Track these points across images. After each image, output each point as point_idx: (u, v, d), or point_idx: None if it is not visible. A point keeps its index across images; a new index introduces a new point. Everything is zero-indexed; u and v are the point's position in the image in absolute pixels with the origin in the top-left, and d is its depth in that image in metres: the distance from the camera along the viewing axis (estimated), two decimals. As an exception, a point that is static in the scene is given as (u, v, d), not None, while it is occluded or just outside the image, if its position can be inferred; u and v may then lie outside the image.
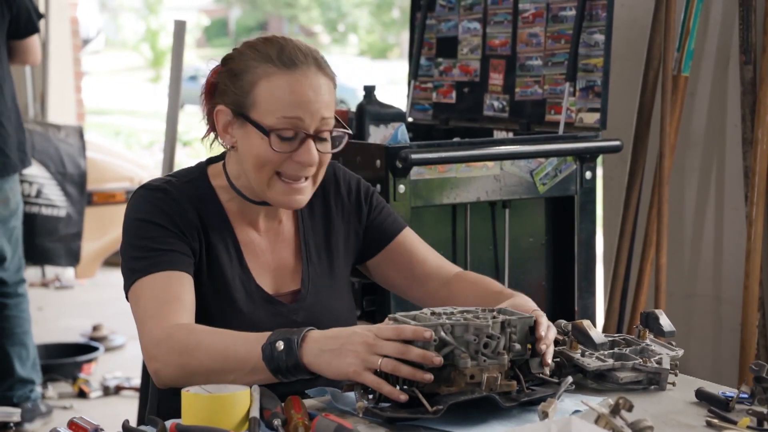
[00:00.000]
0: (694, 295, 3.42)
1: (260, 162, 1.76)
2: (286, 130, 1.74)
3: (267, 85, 1.75)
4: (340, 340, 1.57)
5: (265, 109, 1.75)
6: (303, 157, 1.75)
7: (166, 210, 1.77)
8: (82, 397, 4.37)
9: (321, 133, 1.77)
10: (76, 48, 6.56)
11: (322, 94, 1.76)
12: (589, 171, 2.89)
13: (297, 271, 1.88)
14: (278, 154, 1.75)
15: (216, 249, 1.81)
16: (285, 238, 1.89)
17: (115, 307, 5.96)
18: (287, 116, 1.74)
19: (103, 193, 5.34)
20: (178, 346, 1.65)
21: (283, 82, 1.74)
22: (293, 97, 1.74)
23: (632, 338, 1.83)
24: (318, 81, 1.76)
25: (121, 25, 25.73)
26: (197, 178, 1.85)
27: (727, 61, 3.27)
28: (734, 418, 1.56)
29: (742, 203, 3.20)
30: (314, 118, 1.75)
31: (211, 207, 1.83)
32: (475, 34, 3.36)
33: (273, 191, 1.78)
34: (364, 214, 1.95)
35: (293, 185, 1.77)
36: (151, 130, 14.61)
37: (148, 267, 1.74)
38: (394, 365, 1.53)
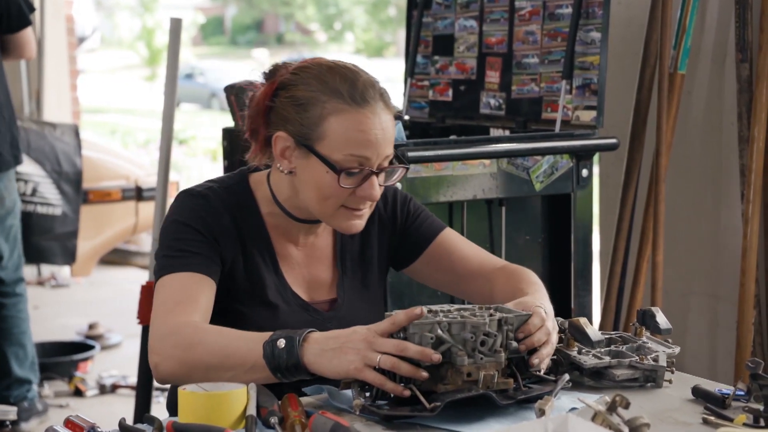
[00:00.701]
0: (690, 292, 3.43)
1: (325, 195, 1.78)
2: (353, 167, 1.76)
3: (337, 121, 1.75)
4: (341, 339, 1.58)
5: (333, 144, 1.76)
6: (366, 192, 1.77)
7: (203, 216, 1.80)
8: (78, 395, 4.36)
9: (383, 168, 1.79)
10: (71, 46, 6.54)
11: (387, 132, 1.78)
12: (585, 169, 2.89)
13: (332, 283, 1.91)
14: (343, 189, 1.77)
15: (253, 256, 1.84)
16: (321, 253, 1.92)
17: (111, 305, 5.96)
18: (355, 154, 1.75)
19: (98, 191, 5.33)
20: (182, 341, 1.67)
21: (354, 120, 1.75)
22: (363, 136, 1.75)
23: (629, 336, 1.83)
24: (385, 118, 1.78)
25: (117, 23, 25.70)
26: (238, 187, 1.87)
27: (723, 59, 3.27)
28: (731, 416, 1.56)
29: (738, 201, 3.20)
30: (380, 156, 1.77)
31: (250, 216, 1.85)
32: (472, 31, 3.36)
33: (335, 219, 1.81)
34: (399, 223, 1.98)
35: (355, 212, 1.80)
36: (147, 128, 14.60)
37: (175, 266, 1.77)
38: (394, 362, 1.54)
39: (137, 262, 7.20)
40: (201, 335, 1.67)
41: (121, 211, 5.42)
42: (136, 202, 5.45)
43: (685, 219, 3.41)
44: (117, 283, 6.68)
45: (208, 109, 20.39)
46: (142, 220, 5.49)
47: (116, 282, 6.70)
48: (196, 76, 21.42)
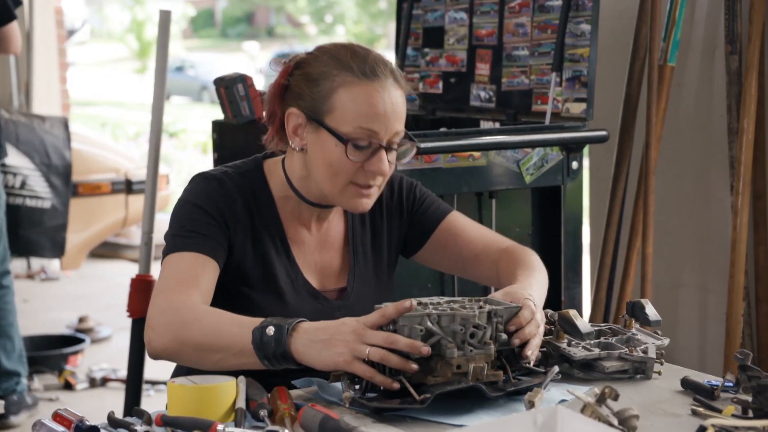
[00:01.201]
0: (679, 284, 3.43)
1: (334, 170, 1.79)
2: (362, 139, 1.76)
3: (347, 93, 1.76)
4: (330, 330, 1.58)
5: (342, 117, 1.77)
6: (375, 166, 1.78)
7: (215, 199, 1.81)
8: (68, 389, 4.36)
9: (392, 145, 1.80)
10: (61, 39, 6.52)
11: (397, 108, 1.78)
12: (575, 161, 2.89)
13: (343, 271, 1.92)
14: (352, 163, 1.77)
15: (264, 242, 1.84)
16: (333, 240, 1.93)
17: (101, 298, 5.95)
18: (364, 127, 1.76)
19: (88, 184, 5.31)
20: (178, 318, 1.68)
21: (363, 92, 1.76)
22: (372, 109, 1.76)
23: (618, 328, 1.83)
24: (395, 94, 1.79)
25: (107, 15, 25.62)
26: (252, 172, 1.88)
27: (713, 52, 3.27)
28: (719, 407, 1.56)
29: (727, 193, 3.21)
30: (388, 130, 1.78)
31: (263, 202, 1.86)
32: (462, 24, 3.35)
33: (343, 195, 1.81)
34: (405, 210, 1.99)
35: (363, 191, 1.80)
36: (137, 121, 14.56)
37: (182, 245, 1.78)
38: (383, 354, 1.54)
39: (127, 255, 7.18)
40: (197, 314, 1.67)
41: (111, 204, 5.41)
42: (125, 195, 5.44)
43: (675, 211, 3.42)
44: (107, 276, 6.67)
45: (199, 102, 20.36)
46: (131, 213, 5.48)
47: (106, 275, 6.69)
48: (186, 68, 21.37)
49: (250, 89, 2.99)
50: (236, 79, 2.99)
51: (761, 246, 3.14)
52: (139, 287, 3.12)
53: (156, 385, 4.36)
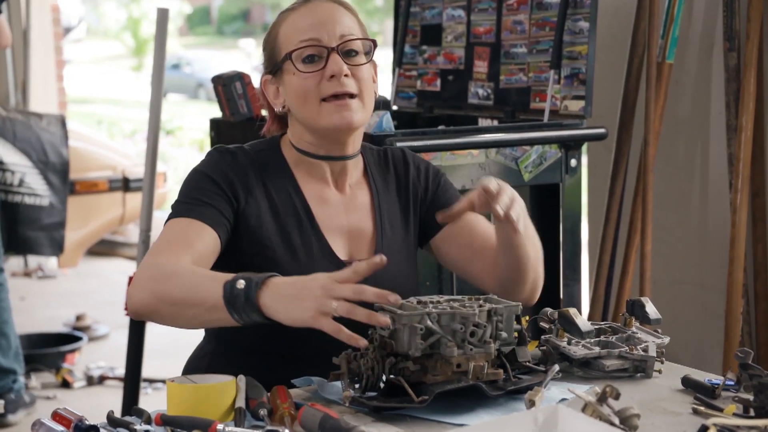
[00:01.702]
0: (678, 282, 3.43)
1: (302, 95, 1.82)
2: (305, 49, 1.80)
3: (286, 24, 1.85)
4: (298, 285, 1.54)
5: (287, 43, 1.83)
6: (331, 69, 1.79)
7: (226, 171, 1.82)
8: (65, 387, 4.35)
9: (344, 47, 1.81)
10: (57, 36, 6.51)
11: (336, 16, 1.82)
12: (573, 159, 2.89)
13: (372, 241, 1.90)
14: (311, 77, 1.80)
15: (283, 212, 1.84)
16: (360, 205, 1.91)
17: (98, 296, 5.94)
18: (304, 39, 1.81)
19: (85, 182, 5.30)
20: (158, 274, 1.67)
21: (298, 15, 1.84)
22: (306, 22, 1.82)
23: (618, 326, 1.83)
24: (333, 8, 1.84)
25: (103, 13, 25.57)
26: (269, 149, 1.90)
27: (711, 48, 3.27)
28: (720, 405, 1.56)
29: (726, 190, 3.20)
30: (332, 34, 1.81)
31: (280, 174, 1.87)
32: (460, 21, 3.35)
33: (323, 116, 1.81)
34: (430, 193, 1.98)
35: (339, 102, 1.80)
36: (134, 118, 14.54)
37: (183, 211, 1.78)
38: (349, 308, 1.49)
39: (124, 252, 7.18)
40: (177, 270, 1.66)
41: (108, 201, 5.40)
42: (123, 193, 5.43)
43: (674, 208, 3.42)
44: (104, 274, 6.66)
45: (195, 99, 20.34)
46: (129, 211, 5.47)
47: (103, 273, 6.68)
48: (182, 66, 21.35)
49: (248, 87, 2.98)
50: (234, 77, 2.99)
51: (760, 243, 3.14)
52: (137, 286, 3.11)
53: (154, 383, 4.36)
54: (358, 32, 1.84)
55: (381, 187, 1.95)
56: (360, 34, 1.85)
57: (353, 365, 1.59)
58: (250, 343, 1.81)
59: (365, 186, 1.94)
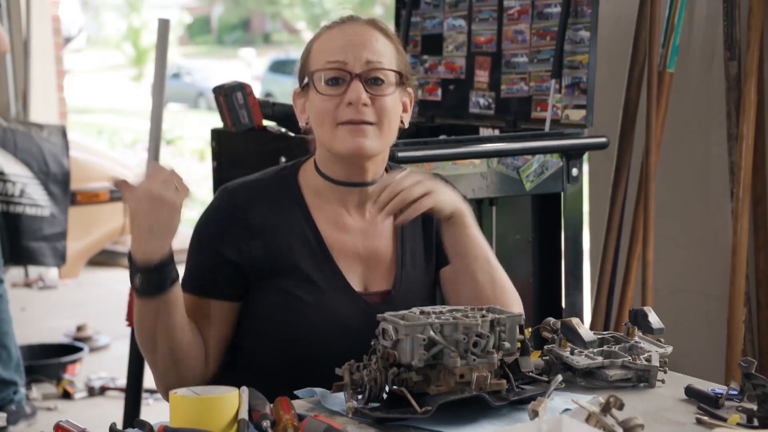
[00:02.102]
0: (680, 290, 3.43)
1: (321, 115, 1.79)
2: (329, 71, 1.77)
3: (320, 41, 1.83)
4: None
5: (315, 61, 1.81)
6: (350, 95, 1.76)
7: (223, 223, 1.82)
8: (66, 398, 4.34)
9: (369, 75, 1.77)
10: (57, 46, 6.51)
11: (367, 40, 1.79)
12: (575, 168, 2.89)
13: (391, 271, 1.86)
14: (330, 99, 1.77)
15: (295, 245, 1.81)
16: (382, 232, 1.87)
17: (99, 306, 5.93)
18: (330, 60, 1.78)
19: (86, 192, 5.31)
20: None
21: (332, 33, 1.82)
22: (335, 43, 1.79)
23: (621, 336, 1.83)
24: (366, 30, 1.80)
25: (103, 23, 25.62)
26: (283, 176, 1.87)
27: (711, 57, 3.27)
28: (724, 415, 1.56)
29: (727, 198, 3.21)
30: (358, 59, 1.77)
31: (291, 203, 1.84)
32: (461, 31, 3.35)
33: (337, 140, 1.78)
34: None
35: (354, 128, 1.77)
36: (134, 128, 14.55)
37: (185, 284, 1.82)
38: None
39: (125, 263, 7.16)
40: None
41: (109, 212, 5.40)
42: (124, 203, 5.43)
43: (675, 217, 3.42)
44: (105, 284, 6.65)
45: (195, 109, 20.35)
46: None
47: (104, 283, 6.68)
48: (182, 75, 21.37)
49: (249, 97, 2.98)
50: (235, 87, 2.99)
51: (762, 251, 3.13)
52: (139, 296, 3.11)
53: (155, 394, 4.35)
54: (391, 59, 1.79)
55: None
56: (393, 61, 1.79)
57: (356, 376, 1.58)
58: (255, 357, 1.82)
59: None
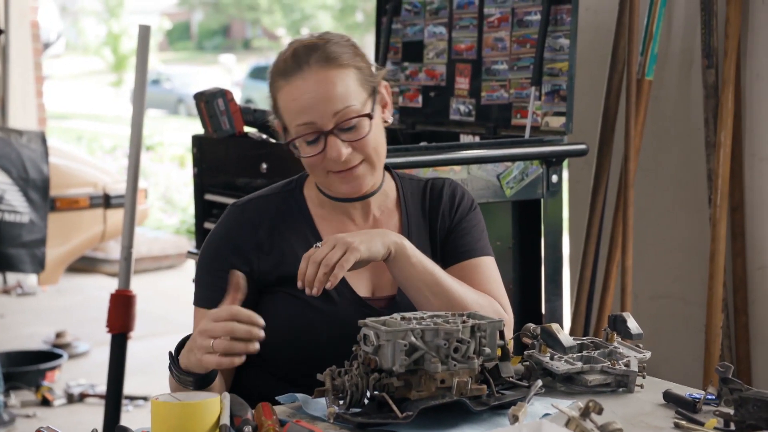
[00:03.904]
0: (659, 296, 3.45)
1: (309, 168, 1.82)
2: (306, 135, 1.77)
3: (281, 98, 1.80)
4: (193, 336, 1.65)
5: (287, 121, 1.80)
6: (330, 154, 1.77)
7: (234, 237, 1.83)
8: (45, 405, 4.32)
9: (342, 125, 1.76)
10: (36, 52, 6.49)
11: (327, 90, 1.75)
12: (555, 174, 2.91)
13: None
14: (315, 157, 1.78)
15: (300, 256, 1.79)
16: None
17: (78, 313, 5.91)
18: (300, 123, 1.77)
19: (66, 198, 5.29)
20: None
21: (287, 93, 1.78)
22: (296, 105, 1.77)
23: (600, 341, 1.84)
24: (319, 77, 1.76)
25: (82, 28, 25.50)
26: (290, 190, 1.89)
27: (690, 65, 3.30)
28: (701, 420, 1.57)
29: (705, 205, 3.23)
30: (325, 116, 1.76)
31: (298, 218, 1.86)
32: (441, 38, 3.37)
33: (333, 186, 1.82)
34: (455, 221, 1.92)
35: (345, 174, 1.79)
36: (114, 134, 14.49)
37: (199, 299, 1.85)
38: (227, 345, 1.58)
39: (105, 269, 7.14)
40: None
41: (89, 218, 5.38)
42: (104, 210, 5.41)
43: (654, 223, 3.44)
44: (84, 290, 6.63)
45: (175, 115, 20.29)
46: (110, 228, 5.45)
47: (83, 290, 6.65)
48: (162, 81, 21.31)
49: (230, 104, 2.99)
50: (216, 93, 2.99)
51: (739, 257, 3.16)
52: (119, 302, 3.11)
53: (135, 400, 4.34)
54: (355, 92, 1.77)
55: (413, 217, 1.91)
56: (357, 89, 1.77)
57: (337, 381, 1.59)
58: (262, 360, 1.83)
59: (396, 214, 1.90)
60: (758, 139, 3.12)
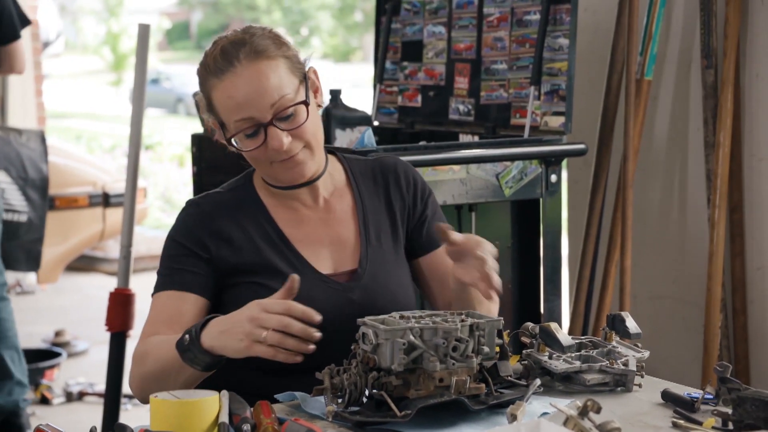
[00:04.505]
0: (658, 296, 3.45)
1: (253, 160, 1.83)
2: (246, 129, 1.78)
3: (216, 96, 1.81)
4: (232, 319, 1.62)
5: (225, 118, 1.81)
6: (272, 145, 1.78)
7: (191, 228, 1.84)
8: (44, 403, 4.32)
9: (280, 114, 1.78)
10: (36, 51, 6.49)
11: (261, 83, 1.77)
12: (554, 174, 2.91)
13: (356, 250, 1.90)
14: (256, 150, 1.79)
15: (262, 246, 1.85)
16: (340, 215, 1.91)
17: (77, 312, 5.91)
18: (238, 119, 1.78)
19: (65, 197, 5.29)
20: (138, 358, 1.76)
21: (221, 90, 1.79)
22: (232, 102, 1.78)
23: (599, 340, 1.84)
24: (251, 72, 1.77)
25: (82, 27, 25.49)
26: (242, 185, 1.91)
27: (689, 65, 3.30)
28: (699, 419, 1.57)
29: (704, 206, 3.23)
30: (262, 108, 1.77)
31: (253, 208, 1.88)
32: (441, 38, 3.37)
33: (277, 175, 1.84)
34: (418, 210, 1.96)
35: (287, 162, 1.81)
36: (113, 133, 14.49)
37: (159, 285, 1.84)
38: (279, 338, 1.57)
39: (104, 268, 7.14)
40: (150, 347, 1.74)
41: (88, 217, 5.38)
42: (103, 209, 5.41)
43: (653, 223, 3.44)
44: (83, 289, 6.63)
45: (174, 114, 20.29)
46: (109, 227, 5.45)
47: (82, 288, 6.65)
48: (161, 81, 21.30)
49: (230, 103, 2.98)
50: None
51: (738, 258, 3.16)
52: (118, 301, 3.11)
53: (133, 399, 4.33)
54: (287, 81, 1.78)
55: (366, 194, 1.94)
56: (289, 78, 1.78)
57: (336, 380, 1.59)
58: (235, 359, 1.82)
59: (348, 194, 1.93)
60: (757, 140, 3.13)
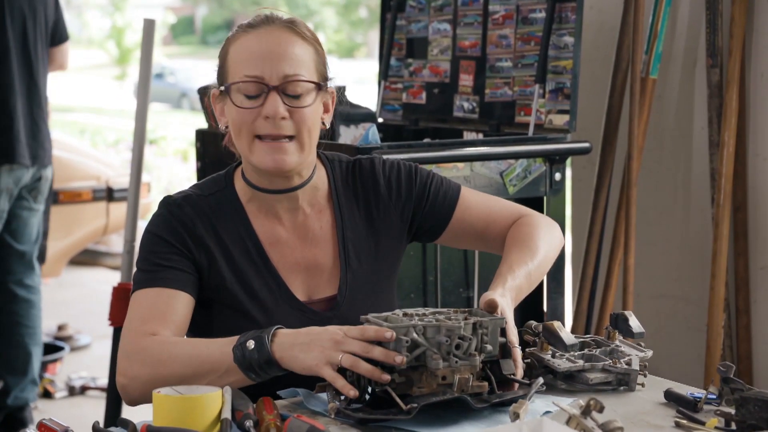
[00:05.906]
0: (661, 295, 3.45)
1: (237, 127, 1.76)
2: (248, 84, 1.73)
3: (234, 48, 1.78)
4: (311, 335, 1.59)
5: (233, 71, 1.77)
6: (267, 109, 1.73)
7: (174, 226, 1.78)
8: (47, 397, 4.33)
9: (287, 88, 1.74)
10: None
11: (285, 50, 1.74)
12: (558, 172, 2.91)
13: (335, 275, 1.84)
14: (247, 112, 1.74)
15: (237, 257, 1.79)
16: (319, 237, 1.84)
17: (80, 306, 5.91)
18: (248, 74, 1.74)
19: (69, 191, 5.29)
20: (149, 358, 1.66)
21: (245, 41, 1.76)
22: (253, 54, 1.74)
23: (602, 339, 1.84)
24: (283, 37, 1.75)
25: (87, 22, 25.51)
26: (222, 188, 1.84)
27: (694, 64, 3.30)
28: (702, 419, 1.57)
29: (708, 205, 3.23)
30: (275, 72, 1.73)
31: (233, 216, 1.81)
32: (446, 35, 3.37)
33: (255, 154, 1.75)
34: (414, 194, 1.90)
35: (273, 144, 1.74)
36: (117, 128, 14.50)
37: (146, 281, 1.75)
38: (354, 361, 1.54)
39: (107, 262, 7.15)
40: (170, 349, 1.66)
41: (92, 211, 5.39)
42: (106, 203, 5.42)
43: (657, 222, 3.44)
44: (86, 283, 6.63)
45: (179, 109, 20.29)
46: (112, 221, 5.46)
47: (86, 283, 6.66)
48: (166, 75, 21.30)
49: (234, 98, 2.98)
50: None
51: (741, 257, 3.16)
52: (121, 295, 3.12)
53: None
54: (309, 66, 1.76)
55: (347, 210, 1.86)
56: (311, 66, 1.76)
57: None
58: None
59: (328, 211, 1.85)
60: (762, 139, 3.12)
